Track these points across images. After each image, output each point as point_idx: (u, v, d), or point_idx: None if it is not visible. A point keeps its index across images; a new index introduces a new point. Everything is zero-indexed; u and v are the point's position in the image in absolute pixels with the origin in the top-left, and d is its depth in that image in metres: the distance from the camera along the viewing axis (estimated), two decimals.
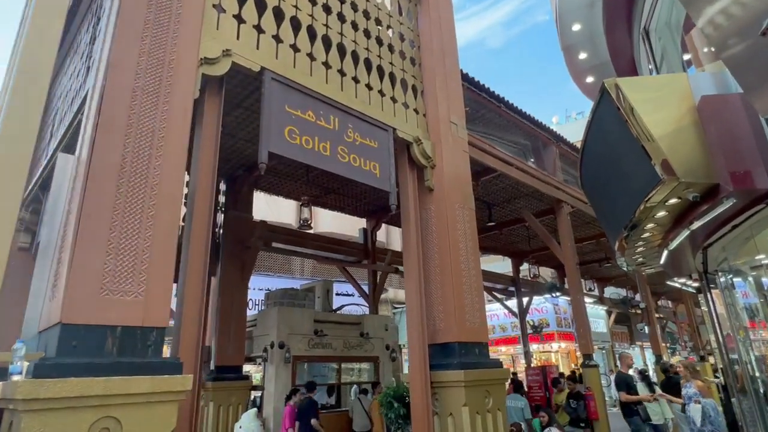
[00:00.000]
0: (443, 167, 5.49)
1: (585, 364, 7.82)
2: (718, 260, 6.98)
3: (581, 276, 17.84)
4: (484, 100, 7.67)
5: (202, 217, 3.53)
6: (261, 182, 9.93)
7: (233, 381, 8.43)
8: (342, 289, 16.52)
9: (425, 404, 4.60)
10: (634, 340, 22.97)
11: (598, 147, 6.08)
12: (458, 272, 5.08)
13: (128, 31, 3.20)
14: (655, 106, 5.01)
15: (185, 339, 3.21)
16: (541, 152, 10.28)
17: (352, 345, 9.90)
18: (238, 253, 9.14)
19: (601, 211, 7.27)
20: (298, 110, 4.33)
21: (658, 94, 5.18)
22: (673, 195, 4.95)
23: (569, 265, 8.40)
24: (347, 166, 4.59)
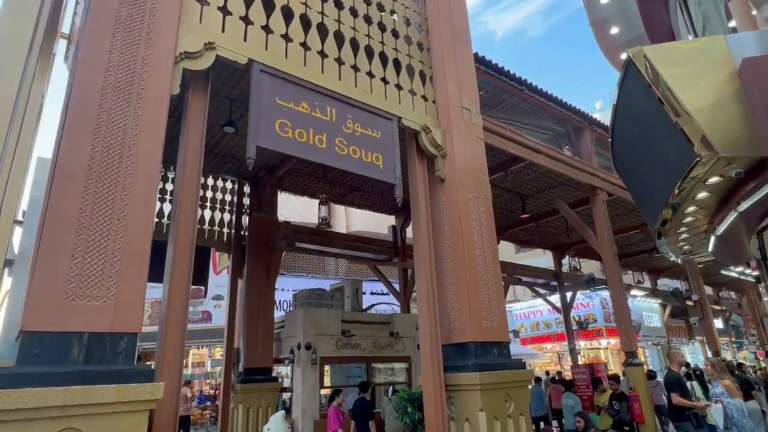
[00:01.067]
0: (455, 155, 5.16)
1: (628, 362, 7.21)
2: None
3: (630, 268, 16.88)
4: (504, 83, 7.22)
5: (188, 215, 3.40)
6: (284, 183, 9.89)
7: (262, 383, 8.40)
8: (377, 287, 16.35)
9: (439, 409, 4.30)
10: (693, 335, 21.46)
11: (627, 125, 5.54)
12: (473, 267, 4.74)
13: (98, 27, 3.10)
14: (692, 80, 4.47)
15: (168, 344, 3.08)
16: (577, 138, 9.66)
17: (382, 345, 9.68)
18: (264, 255, 9.12)
19: (637, 195, 6.67)
20: (290, 102, 4.14)
21: (694, 65, 4.61)
22: (713, 173, 4.40)
23: (607, 257, 7.79)
24: (346, 158, 4.36)
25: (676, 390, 6.09)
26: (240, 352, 8.72)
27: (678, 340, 22.03)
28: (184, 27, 3.63)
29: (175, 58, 3.47)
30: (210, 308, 14.47)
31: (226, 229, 9.26)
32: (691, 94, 4.34)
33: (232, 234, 9.19)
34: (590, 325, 17.41)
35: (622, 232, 12.71)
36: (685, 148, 4.24)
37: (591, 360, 18.27)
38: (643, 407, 6.75)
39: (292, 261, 16.02)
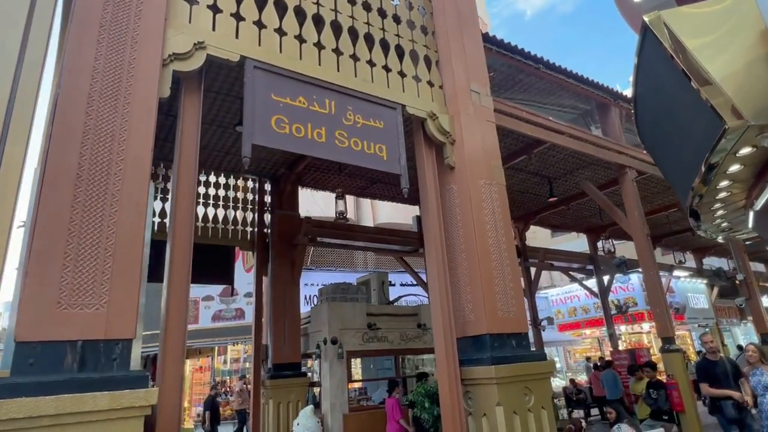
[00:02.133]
0: (464, 141, 4.96)
1: (665, 348, 6.84)
2: None
3: (671, 247, 16.08)
4: (519, 63, 6.90)
5: (185, 215, 3.38)
6: (304, 179, 9.90)
7: (291, 378, 8.49)
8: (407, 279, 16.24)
9: (456, 404, 4.17)
10: (745, 316, 20.30)
11: (649, 97, 5.19)
12: (486, 256, 4.55)
13: (83, 33, 3.10)
14: (719, 48, 4.12)
15: (168, 346, 3.07)
16: (603, 115, 9.20)
17: (409, 337, 9.58)
18: (287, 252, 9.18)
19: (667, 171, 6.26)
20: (286, 97, 4.06)
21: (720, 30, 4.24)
22: (744, 143, 4.04)
23: (639, 238, 7.38)
24: (347, 151, 4.25)
25: (702, 379, 5.78)
26: (268, 348, 8.83)
27: (728, 321, 20.93)
28: (173, 28, 3.60)
29: (164, 60, 3.44)
30: (242, 305, 14.78)
31: (249, 227, 9.36)
32: (719, 63, 3.98)
33: (255, 232, 9.28)
34: (630, 308, 16.73)
35: (659, 211, 12.11)
36: (711, 119, 3.90)
37: (633, 345, 17.61)
38: (683, 395, 6.39)
39: (320, 256, 16.12)
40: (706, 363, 5.84)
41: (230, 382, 15.67)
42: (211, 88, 6.36)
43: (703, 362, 5.97)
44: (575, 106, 9.87)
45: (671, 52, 4.19)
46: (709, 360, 5.80)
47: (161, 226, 8.17)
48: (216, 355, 16.14)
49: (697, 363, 6.11)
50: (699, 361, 6.32)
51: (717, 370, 5.66)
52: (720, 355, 5.90)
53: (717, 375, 5.63)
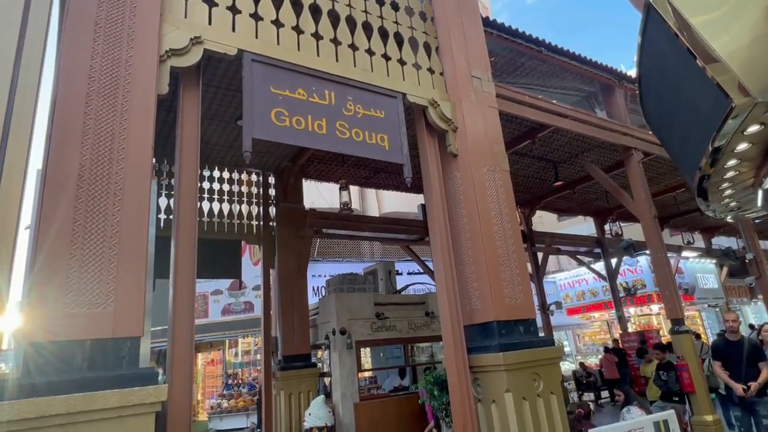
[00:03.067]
0: (467, 128, 4.91)
1: (675, 329, 6.80)
2: None
3: (679, 228, 15.96)
4: (521, 46, 6.80)
5: (188, 210, 3.39)
6: (308, 171, 9.89)
7: (301, 369, 8.56)
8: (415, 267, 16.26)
9: (465, 392, 4.18)
10: (755, 295, 20.17)
11: (654, 76, 5.11)
12: (492, 243, 4.54)
13: (78, 32, 3.08)
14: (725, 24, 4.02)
15: (177, 341, 3.10)
16: (608, 96, 9.07)
17: (417, 325, 9.60)
18: (293, 244, 9.21)
19: (673, 151, 6.19)
20: (285, 90, 4.03)
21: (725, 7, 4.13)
22: (752, 121, 3.96)
23: (646, 220, 7.32)
24: (348, 142, 4.22)
25: (715, 357, 5.71)
26: (278, 340, 8.90)
27: (738, 300, 20.82)
28: (168, 24, 3.57)
29: (161, 56, 3.42)
30: (251, 299, 14.89)
31: (254, 221, 9.38)
32: (725, 39, 3.89)
33: (261, 225, 9.30)
34: (639, 290, 16.68)
35: (667, 192, 12.00)
36: (717, 97, 3.84)
37: (642, 327, 17.59)
38: (693, 376, 6.37)
39: (327, 247, 16.16)
40: (721, 342, 5.75)
41: (242, 375, 15.84)
42: (212, 83, 6.33)
43: (718, 340, 5.88)
44: (579, 88, 9.74)
45: (675, 30, 4.11)
46: (728, 340, 5.65)
47: (168, 223, 8.22)
48: (227, 348, 16.31)
49: (714, 340, 6.04)
50: (716, 338, 6.21)
51: (732, 350, 5.49)
52: (742, 335, 5.67)
53: (730, 355, 5.48)
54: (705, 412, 6.33)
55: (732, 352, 5.50)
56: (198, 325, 15.88)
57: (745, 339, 5.60)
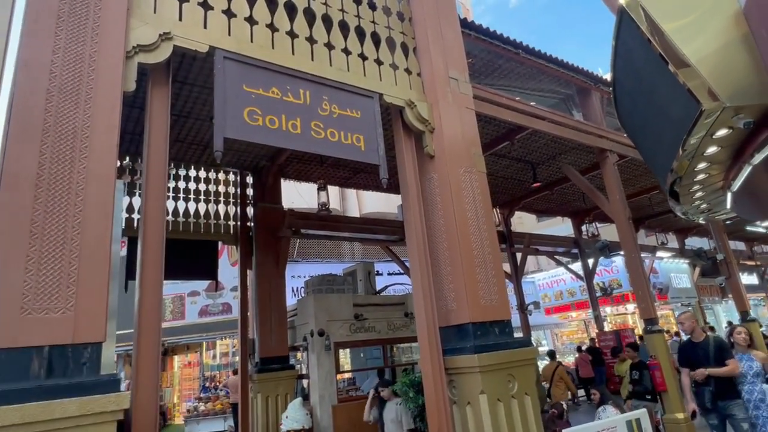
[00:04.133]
0: (443, 129, 4.90)
1: (648, 329, 6.93)
2: None
3: (654, 229, 16.29)
4: (498, 48, 6.83)
5: (155, 212, 3.29)
6: (286, 171, 9.79)
7: (279, 371, 8.46)
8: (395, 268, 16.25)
9: (440, 394, 4.17)
10: (726, 294, 20.73)
11: (627, 80, 5.17)
12: (468, 244, 4.53)
13: (39, 25, 2.97)
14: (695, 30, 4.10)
15: (143, 345, 3.00)
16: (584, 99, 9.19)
17: (397, 326, 9.58)
18: (271, 244, 9.10)
19: (646, 153, 6.30)
20: (259, 88, 3.96)
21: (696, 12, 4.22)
22: (720, 125, 4.05)
23: (620, 221, 7.44)
24: (323, 142, 4.17)
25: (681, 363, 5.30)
26: (255, 342, 8.78)
27: (710, 299, 21.39)
28: (136, 18, 3.46)
29: (127, 52, 3.32)
30: (229, 300, 14.67)
31: (231, 221, 9.23)
32: (695, 45, 3.97)
33: (238, 226, 9.16)
34: (615, 290, 16.99)
35: (642, 194, 12.23)
36: (688, 102, 3.91)
37: (618, 326, 17.91)
38: (665, 375, 6.49)
39: (306, 247, 16.03)
40: (687, 345, 5.31)
41: (219, 377, 15.61)
42: (187, 80, 6.20)
43: (684, 344, 5.44)
44: (556, 90, 9.86)
45: (648, 35, 4.17)
46: (693, 342, 5.20)
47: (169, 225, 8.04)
48: (204, 350, 16.05)
49: (680, 344, 5.67)
50: (682, 342, 5.78)
51: (697, 353, 5.05)
52: (706, 335, 5.26)
53: (696, 358, 5.04)
54: (676, 410, 6.45)
55: (698, 355, 5.07)
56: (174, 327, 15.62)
57: (711, 338, 5.16)
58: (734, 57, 3.89)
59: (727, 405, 4.86)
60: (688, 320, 5.21)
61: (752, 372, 4.88)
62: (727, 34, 3.97)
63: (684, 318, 5.28)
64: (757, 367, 4.92)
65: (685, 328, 5.25)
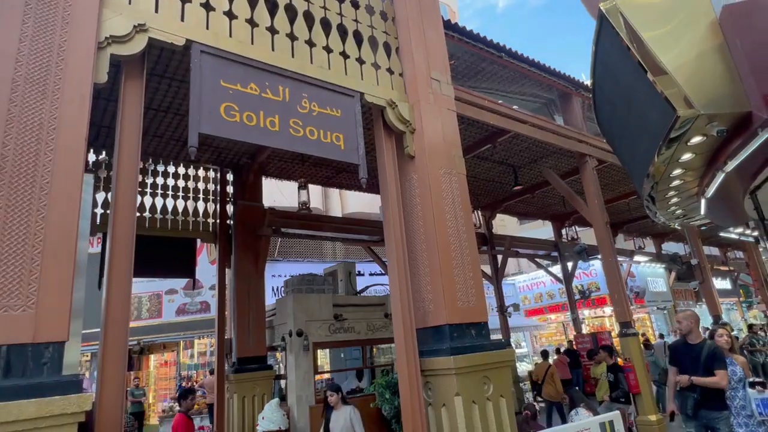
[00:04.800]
0: (424, 130, 4.89)
1: (623, 333, 7.03)
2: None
3: (632, 233, 16.57)
4: (482, 51, 6.86)
5: (126, 207, 3.20)
6: (267, 168, 9.69)
7: (256, 372, 8.36)
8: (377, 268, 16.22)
9: (415, 396, 4.15)
10: (700, 298, 21.22)
11: (607, 86, 5.24)
12: (446, 246, 4.52)
13: (4, 13, 2.85)
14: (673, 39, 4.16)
15: (109, 345, 2.91)
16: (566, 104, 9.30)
17: (376, 327, 9.55)
18: (251, 243, 8.99)
19: (624, 159, 6.39)
20: (236, 84, 3.89)
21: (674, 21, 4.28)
22: (695, 133, 4.12)
23: (598, 225, 7.54)
24: (302, 140, 4.11)
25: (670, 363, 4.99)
26: (232, 342, 8.66)
27: (685, 303, 21.85)
28: (110, 9, 3.37)
29: (99, 43, 3.22)
30: (208, 298, 14.47)
31: (210, 219, 9.10)
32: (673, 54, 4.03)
33: (218, 223, 9.03)
34: (593, 293, 17.23)
35: (620, 198, 12.42)
36: (664, 109, 3.96)
37: (595, 328, 18.18)
38: (639, 378, 6.59)
39: (288, 247, 15.90)
40: (680, 344, 4.93)
41: (197, 377, 15.37)
42: (165, 74, 6.08)
43: (677, 342, 5.07)
44: (538, 95, 9.95)
45: (627, 43, 4.22)
46: (687, 343, 4.79)
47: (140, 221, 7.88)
48: (182, 349, 15.79)
49: (672, 342, 5.31)
50: (676, 340, 5.36)
51: (688, 354, 4.67)
52: (704, 339, 4.81)
53: (686, 361, 4.66)
54: (649, 412, 6.56)
55: (688, 357, 4.67)
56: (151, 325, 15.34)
57: (707, 344, 4.67)
58: (710, 66, 3.96)
59: (712, 416, 4.49)
60: (686, 319, 4.81)
61: (735, 378, 4.60)
62: (703, 44, 4.04)
63: (683, 317, 4.89)
64: (740, 372, 4.68)
65: (682, 328, 4.83)
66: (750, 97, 3.73)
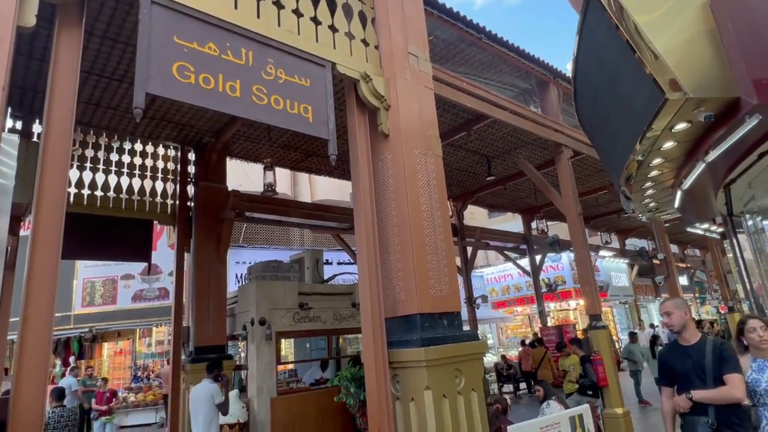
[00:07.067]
0: (400, 107, 4.57)
1: (592, 325, 6.97)
2: (744, 199, 5.95)
3: (598, 228, 16.83)
4: (461, 31, 6.58)
5: (55, 182, 2.76)
6: (232, 149, 9.19)
7: None
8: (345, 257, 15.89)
9: (382, 389, 3.88)
10: (659, 293, 21.89)
11: (590, 70, 5.04)
12: (419, 231, 4.25)
13: None
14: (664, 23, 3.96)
15: (30, 336, 2.50)
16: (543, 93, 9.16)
17: (343, 317, 9.24)
18: (213, 227, 8.51)
19: (602, 148, 6.26)
20: (193, 42, 3.46)
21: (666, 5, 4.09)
22: (681, 118, 3.95)
23: (572, 217, 7.44)
24: (266, 109, 3.73)
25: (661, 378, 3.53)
26: (189, 330, 8.19)
27: (645, 298, 22.50)
28: None
29: None
30: (167, 285, 13.81)
31: (169, 200, 8.54)
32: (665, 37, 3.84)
33: (177, 205, 8.49)
34: (559, 287, 17.46)
35: (589, 193, 12.49)
36: (651, 92, 3.78)
37: (560, 321, 18.45)
38: (607, 370, 6.55)
39: (254, 233, 15.35)
40: (670, 350, 3.47)
41: (153, 366, 14.73)
42: (119, 38, 5.56)
43: (667, 349, 3.66)
44: (516, 84, 9.79)
45: (615, 21, 4.02)
46: (678, 346, 3.34)
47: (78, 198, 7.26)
48: (138, 337, 15.07)
49: (661, 351, 3.82)
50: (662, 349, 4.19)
51: (686, 362, 3.21)
52: (702, 335, 3.31)
53: (684, 372, 3.21)
54: (616, 405, 6.53)
55: (686, 365, 3.22)
56: (105, 312, 14.55)
57: (710, 341, 3.23)
58: (700, 49, 3.80)
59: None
60: (678, 308, 3.32)
61: None
62: (695, 27, 3.87)
63: (673, 305, 3.35)
64: None
65: (673, 322, 3.28)
66: (739, 83, 3.58)
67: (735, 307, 14.60)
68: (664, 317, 3.36)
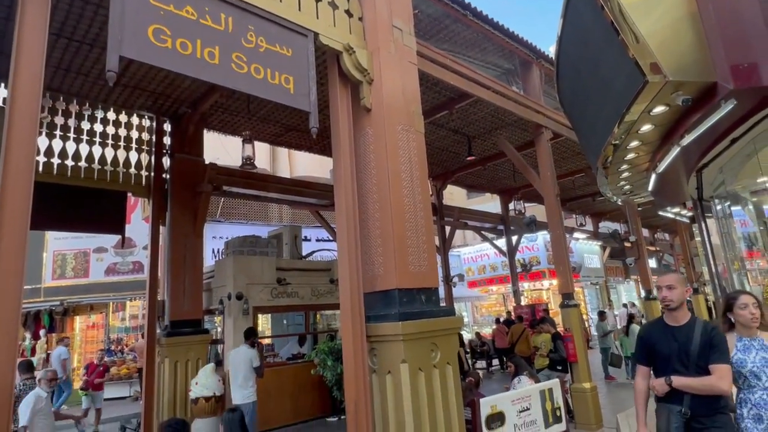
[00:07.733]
0: (383, 81, 4.51)
1: (565, 304, 7.17)
2: (714, 184, 6.12)
3: (573, 211, 17.17)
4: (446, 6, 6.50)
5: (22, 147, 2.64)
6: (210, 121, 8.95)
7: (191, 336, 7.88)
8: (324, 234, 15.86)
9: (359, 362, 3.92)
10: (628, 275, 22.60)
11: (573, 51, 5.06)
12: (400, 207, 4.25)
13: None
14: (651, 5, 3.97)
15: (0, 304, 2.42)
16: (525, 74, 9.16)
17: (321, 293, 9.30)
18: (189, 200, 8.33)
19: (581, 130, 6.34)
20: (169, 4, 3.32)
21: None
22: (659, 101, 4.01)
23: (549, 198, 7.56)
24: (245, 78, 3.63)
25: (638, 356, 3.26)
26: (165, 304, 8.10)
27: (615, 279, 23.19)
28: None
29: None
30: (141, 258, 13.56)
31: (144, 171, 8.30)
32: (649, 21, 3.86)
33: (151, 177, 8.27)
34: (534, 267, 17.84)
35: (567, 176, 12.68)
36: (631, 74, 3.81)
37: (534, 300, 18.91)
38: (577, 347, 6.77)
39: (232, 208, 15.13)
40: (653, 327, 3.21)
41: (128, 340, 14.57)
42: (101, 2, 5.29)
43: (649, 326, 3.47)
44: (499, 64, 9.76)
45: (601, 1, 4.01)
46: (665, 324, 3.07)
47: (47, 167, 6.99)
48: (111, 311, 14.85)
49: (642, 328, 3.74)
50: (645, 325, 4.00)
51: (670, 344, 2.95)
52: (692, 316, 3.02)
53: (668, 353, 2.94)
54: (584, 380, 6.77)
55: (671, 348, 2.94)
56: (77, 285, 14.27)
57: (698, 324, 2.94)
58: (681, 33, 3.83)
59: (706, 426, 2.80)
60: (681, 284, 3.05)
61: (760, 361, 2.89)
62: (678, 10, 3.90)
63: (675, 280, 3.05)
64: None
65: (673, 297, 2.99)
66: (717, 67, 3.64)
67: (699, 288, 15.20)
68: (664, 290, 3.02)
